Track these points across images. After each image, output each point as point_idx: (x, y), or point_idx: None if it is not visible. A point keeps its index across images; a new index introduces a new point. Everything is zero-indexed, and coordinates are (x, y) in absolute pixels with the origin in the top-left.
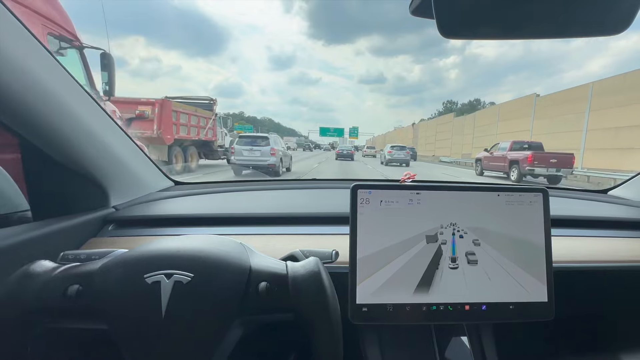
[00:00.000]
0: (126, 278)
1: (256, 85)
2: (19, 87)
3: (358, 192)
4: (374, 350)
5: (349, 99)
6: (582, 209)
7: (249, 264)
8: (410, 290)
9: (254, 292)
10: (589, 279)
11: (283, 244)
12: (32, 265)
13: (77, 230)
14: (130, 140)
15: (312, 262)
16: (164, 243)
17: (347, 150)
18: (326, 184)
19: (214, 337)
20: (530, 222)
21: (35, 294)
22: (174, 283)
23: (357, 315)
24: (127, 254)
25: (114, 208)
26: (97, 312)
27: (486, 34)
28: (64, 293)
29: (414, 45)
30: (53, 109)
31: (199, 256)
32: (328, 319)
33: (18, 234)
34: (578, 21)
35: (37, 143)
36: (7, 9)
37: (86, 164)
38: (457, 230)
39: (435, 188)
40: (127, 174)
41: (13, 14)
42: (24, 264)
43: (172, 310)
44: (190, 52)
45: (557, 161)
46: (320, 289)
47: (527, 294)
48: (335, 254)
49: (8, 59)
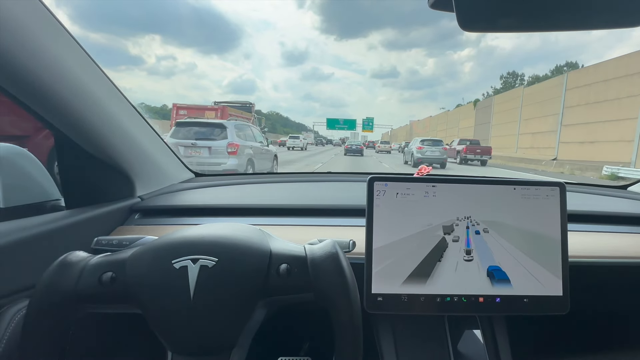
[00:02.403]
0: (155, 264)
1: (269, 82)
2: (54, 83)
3: (374, 184)
4: (388, 339)
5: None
6: (600, 204)
7: (269, 248)
8: (424, 281)
9: (275, 274)
10: (605, 274)
11: (300, 234)
12: (69, 255)
13: (106, 219)
14: (155, 133)
15: (329, 244)
16: (189, 231)
17: (356, 146)
18: (342, 177)
19: (240, 317)
20: (546, 216)
21: (73, 281)
22: (200, 267)
23: (372, 304)
24: (155, 242)
25: (139, 198)
26: (131, 297)
27: (506, 26)
28: (99, 280)
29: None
30: (86, 104)
31: (222, 242)
32: (347, 296)
33: (52, 222)
34: (599, 12)
35: (70, 136)
36: (48, 9)
37: (115, 156)
38: (472, 223)
39: (451, 181)
40: (151, 165)
41: (54, 16)
42: (59, 250)
43: (200, 293)
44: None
45: (481, 151)
46: (338, 268)
47: (542, 288)
48: (353, 244)
49: (48, 59)
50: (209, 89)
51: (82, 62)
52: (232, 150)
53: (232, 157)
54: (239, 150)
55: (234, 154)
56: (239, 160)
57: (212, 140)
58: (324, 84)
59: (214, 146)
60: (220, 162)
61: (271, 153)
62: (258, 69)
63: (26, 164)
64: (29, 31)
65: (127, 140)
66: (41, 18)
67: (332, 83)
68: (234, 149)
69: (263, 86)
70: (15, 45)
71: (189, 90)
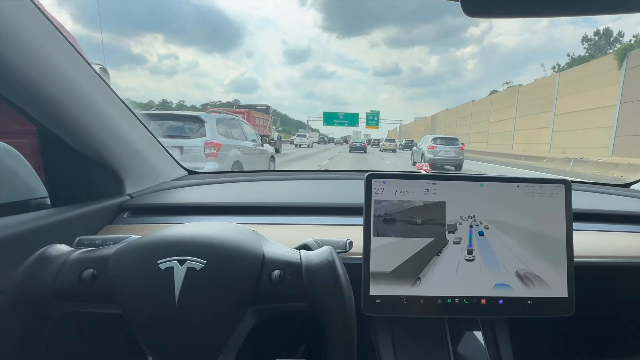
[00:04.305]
0: (140, 263)
1: (271, 80)
2: (40, 78)
3: (372, 181)
4: (387, 343)
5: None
6: (603, 203)
7: (262, 252)
8: (424, 282)
9: (267, 280)
10: (610, 274)
11: (296, 234)
12: (48, 249)
13: (93, 217)
14: (146, 130)
15: (326, 251)
16: (178, 229)
17: (359, 143)
18: (340, 175)
19: (226, 325)
20: (550, 214)
21: (51, 277)
22: (187, 269)
23: (370, 306)
24: (141, 239)
25: (129, 196)
26: (111, 297)
27: (511, 11)
28: (79, 277)
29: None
30: (72, 98)
31: (213, 243)
32: (343, 308)
33: (36, 220)
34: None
35: (56, 131)
36: (37, 6)
37: (103, 152)
38: (475, 222)
39: (452, 178)
40: (142, 162)
41: (40, 9)
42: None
43: (185, 297)
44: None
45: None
46: (335, 279)
47: (546, 289)
48: (349, 244)
49: (34, 53)
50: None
51: (67, 54)
52: (211, 151)
53: (210, 160)
54: (222, 150)
55: (214, 156)
56: (221, 164)
57: (185, 138)
58: (326, 82)
59: (187, 146)
60: (195, 167)
61: (266, 154)
62: (260, 67)
63: (11, 161)
64: (12, 25)
65: (116, 136)
66: (26, 11)
67: (335, 81)
68: (212, 150)
69: (265, 85)
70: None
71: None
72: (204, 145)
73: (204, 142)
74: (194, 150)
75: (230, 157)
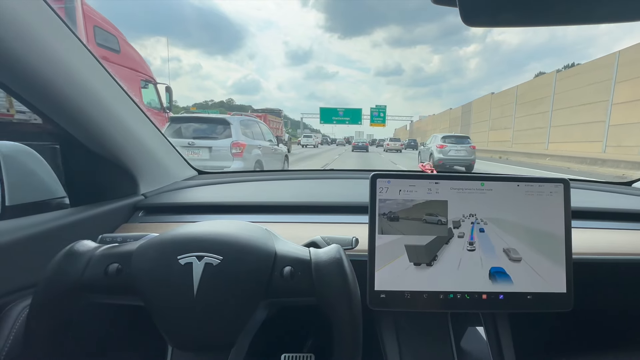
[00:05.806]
0: (161, 258)
1: (273, 82)
2: (62, 83)
3: (377, 181)
4: (391, 336)
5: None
6: (604, 201)
7: (274, 249)
8: (428, 278)
9: (279, 276)
10: (609, 271)
11: (304, 232)
12: (76, 244)
13: (110, 216)
14: (158, 132)
15: (334, 249)
16: (196, 227)
17: (362, 143)
18: (346, 174)
19: (240, 317)
20: (550, 212)
21: (80, 270)
22: (205, 265)
23: (375, 301)
24: (161, 236)
25: (143, 196)
26: (135, 290)
27: (510, 21)
28: (105, 271)
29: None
30: (91, 103)
31: (229, 240)
32: (349, 303)
33: (58, 218)
34: (603, 5)
35: (75, 134)
36: (54, 11)
37: (119, 154)
38: (476, 220)
39: (454, 178)
40: (155, 163)
41: (59, 16)
42: (64, 246)
43: (203, 290)
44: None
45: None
46: (342, 275)
47: (545, 285)
48: (355, 241)
49: (54, 59)
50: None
51: (86, 61)
52: (237, 150)
53: (237, 159)
54: (246, 150)
55: (239, 155)
56: (245, 162)
57: (213, 139)
58: (328, 83)
59: (216, 146)
60: (222, 166)
61: (282, 153)
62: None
63: (31, 162)
64: (35, 33)
65: (131, 139)
66: (46, 19)
67: (337, 81)
68: (239, 150)
69: (267, 86)
70: (22, 46)
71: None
72: (231, 146)
73: (231, 143)
74: (222, 150)
75: (252, 156)
